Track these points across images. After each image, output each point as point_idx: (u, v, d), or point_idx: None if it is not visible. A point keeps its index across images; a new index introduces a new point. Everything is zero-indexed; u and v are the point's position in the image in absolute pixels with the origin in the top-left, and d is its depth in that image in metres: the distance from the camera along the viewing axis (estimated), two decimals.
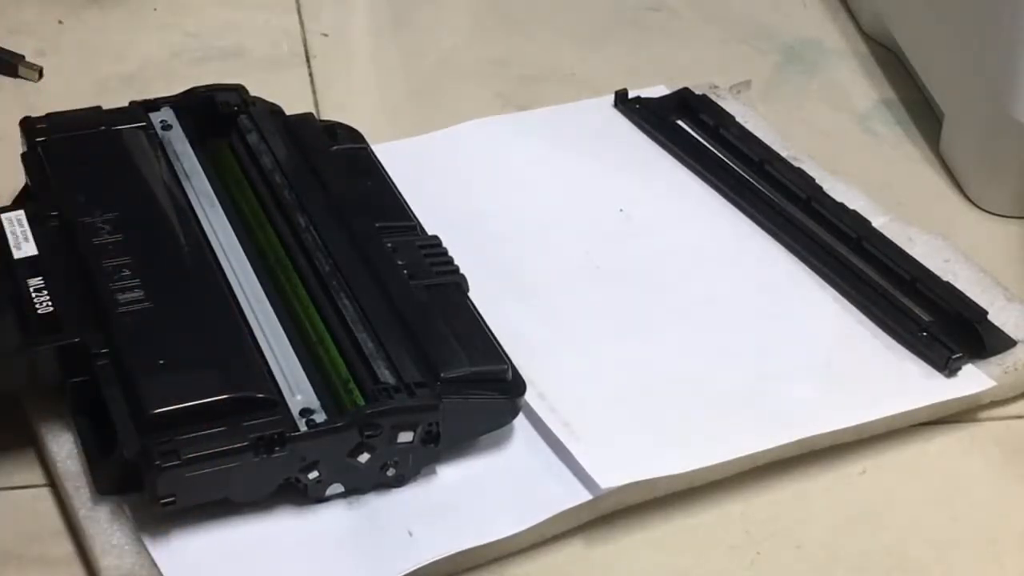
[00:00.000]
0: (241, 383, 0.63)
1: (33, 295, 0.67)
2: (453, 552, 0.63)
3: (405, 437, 0.65)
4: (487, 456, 0.69)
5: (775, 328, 0.79)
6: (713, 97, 0.97)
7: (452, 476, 0.68)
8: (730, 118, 0.95)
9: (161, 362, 0.64)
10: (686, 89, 0.98)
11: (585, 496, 0.66)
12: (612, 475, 0.66)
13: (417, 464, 0.66)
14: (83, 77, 0.98)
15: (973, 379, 0.76)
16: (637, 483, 0.67)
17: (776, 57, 1.10)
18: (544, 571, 0.66)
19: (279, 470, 0.63)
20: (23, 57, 0.97)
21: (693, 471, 0.68)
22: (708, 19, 1.14)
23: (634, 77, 1.01)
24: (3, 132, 0.84)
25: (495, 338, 0.70)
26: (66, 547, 0.64)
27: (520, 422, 0.70)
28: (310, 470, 0.63)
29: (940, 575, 0.67)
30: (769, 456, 0.70)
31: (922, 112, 1.02)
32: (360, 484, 0.65)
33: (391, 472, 0.66)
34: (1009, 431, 0.76)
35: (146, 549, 0.62)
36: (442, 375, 0.66)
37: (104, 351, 0.65)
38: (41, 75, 0.97)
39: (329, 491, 0.65)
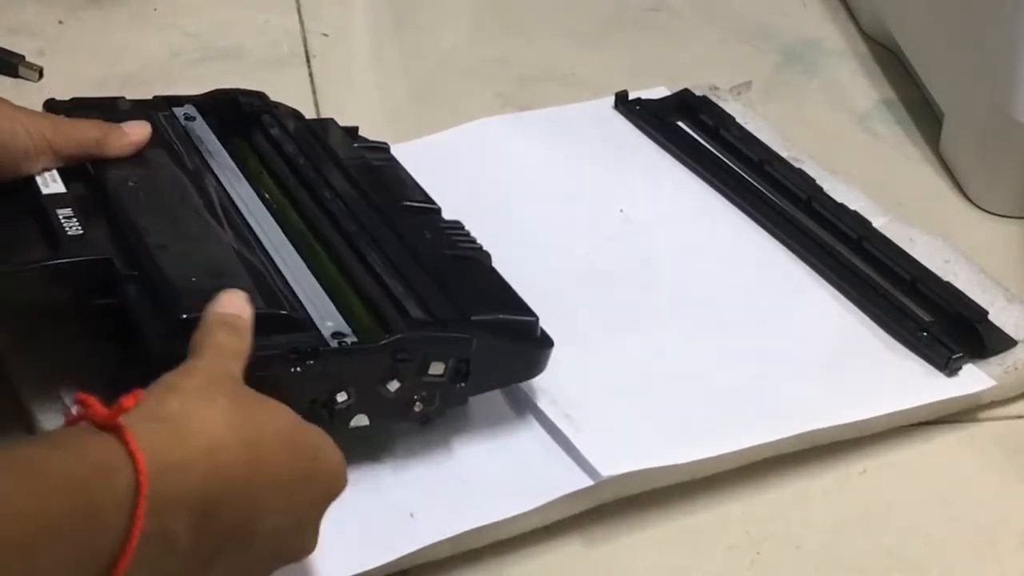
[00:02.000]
0: (274, 302, 0.63)
1: (63, 221, 0.66)
2: (454, 533, 0.63)
3: (436, 369, 0.64)
4: (489, 443, 0.69)
5: (775, 328, 0.79)
6: (713, 98, 0.97)
7: (454, 461, 0.68)
8: (730, 119, 0.95)
9: (192, 279, 0.63)
10: (686, 90, 0.98)
11: (585, 482, 0.66)
12: (612, 464, 0.67)
13: (444, 403, 0.66)
14: (83, 77, 0.98)
15: (973, 379, 0.76)
16: (637, 473, 0.67)
17: (776, 57, 1.10)
18: (543, 570, 0.66)
19: (309, 387, 0.62)
20: (23, 57, 0.97)
21: (693, 462, 0.68)
22: (708, 19, 1.14)
23: (634, 77, 1.01)
24: None
25: (521, 298, 0.70)
26: None
27: (522, 414, 0.70)
28: (339, 391, 0.62)
29: (940, 575, 0.67)
30: (769, 450, 0.71)
31: (922, 112, 1.02)
32: (386, 417, 0.65)
33: (418, 407, 0.65)
34: (1009, 431, 0.76)
35: None
36: (473, 318, 0.66)
37: (134, 273, 0.64)
38: (41, 75, 0.97)
39: (354, 422, 0.64)
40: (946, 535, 0.69)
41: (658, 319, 0.79)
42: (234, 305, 0.59)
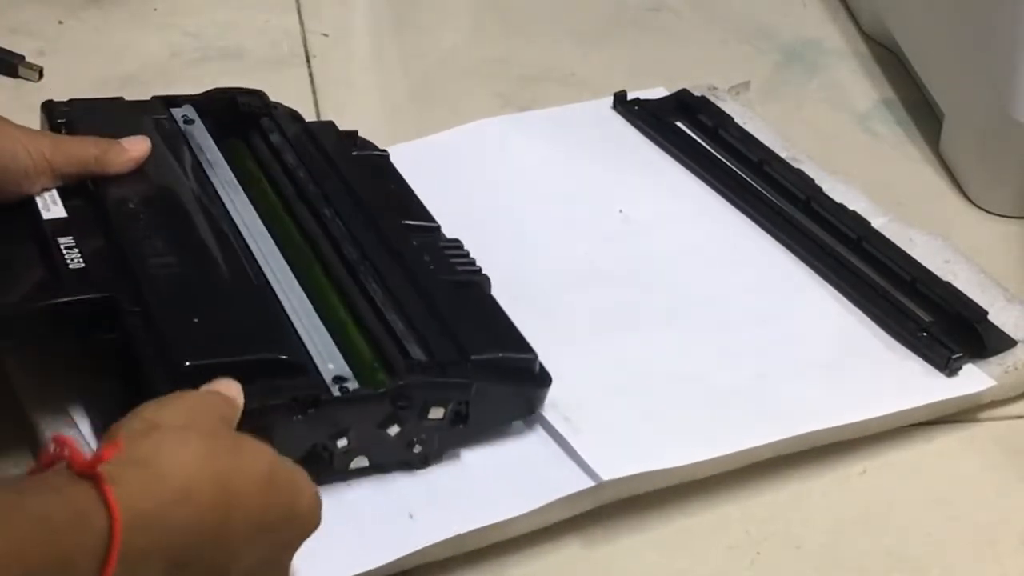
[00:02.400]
0: (276, 346, 0.63)
1: (64, 252, 0.66)
2: (453, 535, 0.63)
3: (436, 413, 0.65)
4: (489, 445, 0.69)
5: (775, 328, 0.79)
6: (712, 98, 0.97)
7: (455, 462, 0.68)
8: (729, 119, 0.95)
9: (195, 320, 0.63)
10: (685, 90, 0.98)
11: (586, 484, 0.66)
12: (613, 466, 0.67)
13: (443, 445, 0.66)
14: (83, 77, 0.98)
15: (973, 379, 0.76)
16: (637, 475, 0.67)
17: (776, 57, 1.10)
18: (544, 571, 0.66)
19: (310, 433, 0.62)
20: (23, 57, 0.97)
21: (694, 464, 0.68)
22: (708, 19, 1.14)
23: (634, 77, 1.01)
24: None
25: (520, 332, 0.70)
26: None
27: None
28: (340, 437, 0.63)
29: (940, 575, 0.67)
30: (769, 451, 0.70)
31: (922, 112, 1.02)
32: (385, 459, 0.65)
33: (417, 450, 0.66)
34: (1009, 431, 0.76)
35: None
36: (472, 357, 0.66)
37: (136, 309, 0.64)
38: (41, 75, 0.97)
39: (354, 464, 0.64)
40: (946, 535, 0.69)
41: (658, 319, 0.79)
42: (229, 390, 0.59)
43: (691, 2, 1.16)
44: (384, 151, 0.85)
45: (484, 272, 0.74)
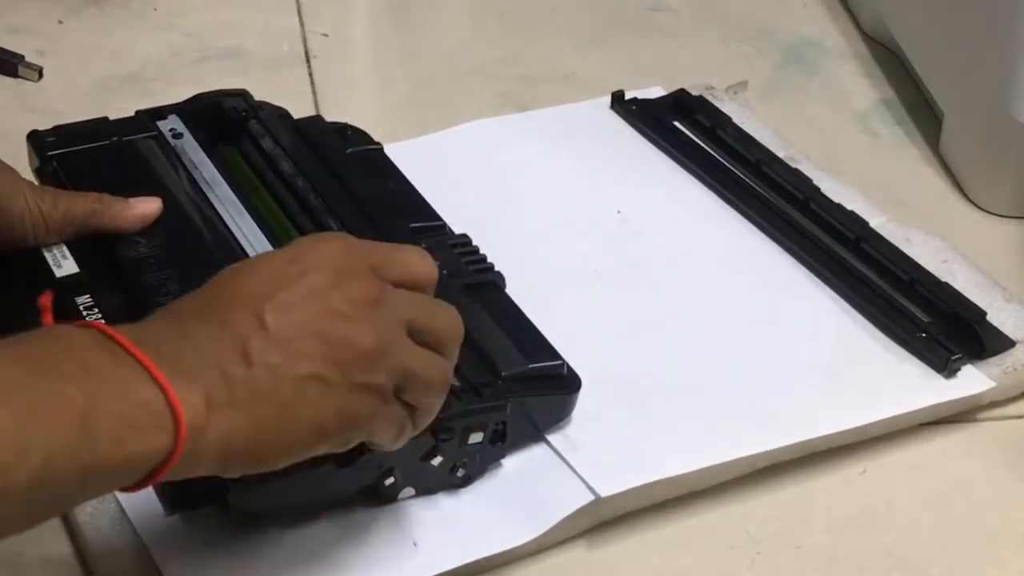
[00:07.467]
0: None
1: (84, 314, 0.65)
2: (457, 565, 0.63)
3: (475, 438, 0.65)
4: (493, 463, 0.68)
5: (773, 330, 0.78)
6: (709, 98, 0.97)
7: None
8: (727, 119, 0.95)
9: None
10: (682, 90, 0.98)
11: (585, 503, 0.66)
12: (611, 482, 0.66)
13: (483, 463, 0.67)
14: (83, 77, 0.99)
15: (972, 380, 0.76)
16: (637, 488, 0.67)
17: (776, 57, 1.10)
18: (546, 573, 0.66)
19: (357, 479, 0.63)
20: (23, 57, 0.97)
21: (692, 476, 0.68)
22: (708, 19, 1.14)
23: (634, 77, 1.01)
24: (3, 132, 0.84)
25: (542, 334, 0.70)
26: (66, 548, 0.64)
27: None
28: (387, 476, 0.63)
29: (940, 575, 0.67)
30: (769, 459, 0.70)
31: (922, 112, 1.02)
32: (431, 486, 0.66)
33: (460, 472, 0.66)
34: (1009, 431, 0.76)
35: (147, 553, 0.61)
36: (503, 373, 0.66)
37: None
38: (41, 75, 0.97)
39: (401, 495, 0.65)
40: (946, 535, 0.69)
41: (655, 323, 0.78)
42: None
43: (690, 2, 1.16)
44: (378, 144, 0.84)
45: (497, 270, 0.74)
